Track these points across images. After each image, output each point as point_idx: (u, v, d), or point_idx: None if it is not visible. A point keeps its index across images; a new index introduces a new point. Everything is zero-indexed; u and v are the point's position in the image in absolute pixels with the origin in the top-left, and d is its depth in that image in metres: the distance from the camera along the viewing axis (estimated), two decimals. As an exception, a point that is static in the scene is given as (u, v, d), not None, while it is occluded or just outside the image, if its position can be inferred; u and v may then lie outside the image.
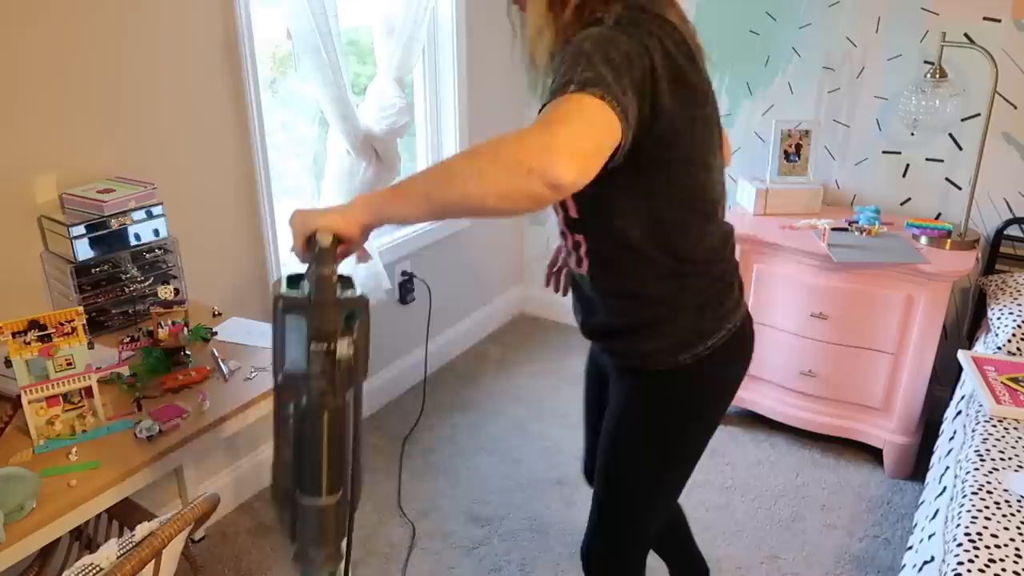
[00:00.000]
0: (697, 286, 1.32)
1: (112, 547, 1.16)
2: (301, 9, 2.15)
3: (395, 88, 2.49)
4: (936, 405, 2.76)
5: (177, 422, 1.51)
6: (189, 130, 2.08)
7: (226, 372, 1.70)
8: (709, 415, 1.45)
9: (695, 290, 1.32)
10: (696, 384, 1.39)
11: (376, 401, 3.00)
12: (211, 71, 2.10)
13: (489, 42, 3.18)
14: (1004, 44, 2.49)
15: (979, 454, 1.81)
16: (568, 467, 2.68)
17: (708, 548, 2.31)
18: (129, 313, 1.88)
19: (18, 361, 1.42)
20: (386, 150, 2.49)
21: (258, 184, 2.29)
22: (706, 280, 1.33)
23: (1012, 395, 2.01)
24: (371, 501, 2.51)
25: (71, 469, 1.38)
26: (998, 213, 2.65)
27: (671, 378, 1.36)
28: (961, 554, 1.50)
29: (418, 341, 3.16)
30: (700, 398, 1.41)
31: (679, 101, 1.14)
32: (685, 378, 1.36)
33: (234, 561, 2.25)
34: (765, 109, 2.94)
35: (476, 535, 2.37)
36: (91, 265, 1.78)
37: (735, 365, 1.44)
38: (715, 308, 1.35)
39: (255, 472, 2.52)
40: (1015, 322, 2.27)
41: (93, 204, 1.76)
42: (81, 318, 1.47)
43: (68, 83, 1.79)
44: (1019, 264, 2.63)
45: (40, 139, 1.77)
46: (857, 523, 2.41)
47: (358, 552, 2.29)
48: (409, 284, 3.01)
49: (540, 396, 3.10)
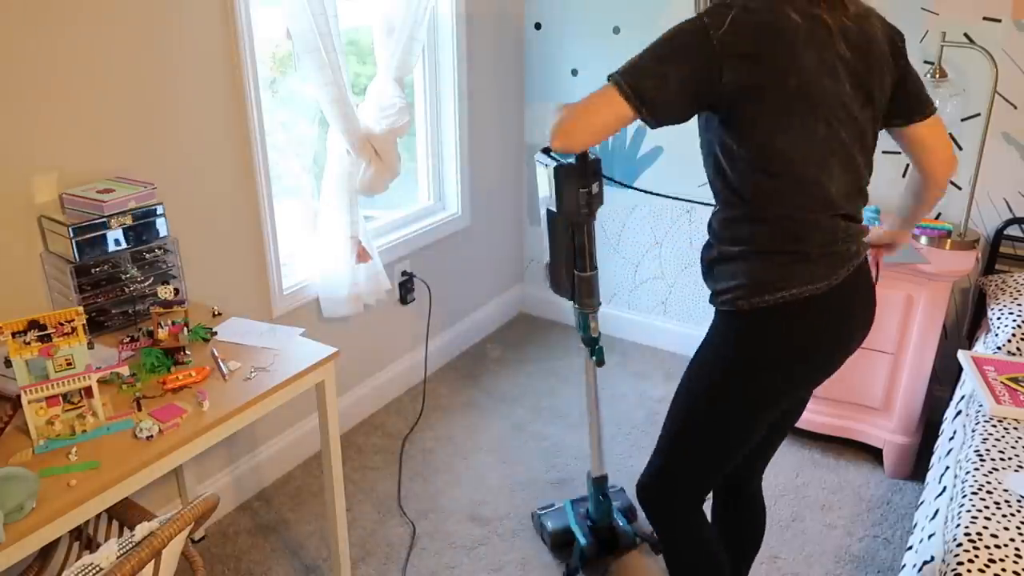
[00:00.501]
0: (765, 235, 1.43)
1: (112, 547, 1.16)
2: (301, 9, 2.15)
3: (395, 88, 2.49)
4: (936, 405, 2.76)
5: (177, 422, 1.51)
6: (189, 130, 2.08)
7: (226, 372, 1.70)
8: (762, 374, 1.48)
9: (763, 239, 1.43)
10: (751, 334, 1.47)
11: (376, 401, 3.00)
12: (211, 71, 2.10)
13: (489, 42, 3.18)
14: (1004, 44, 2.49)
15: (979, 454, 1.81)
16: (568, 467, 2.68)
17: (708, 548, 2.31)
18: (129, 313, 1.88)
19: (18, 361, 1.42)
20: (386, 150, 2.49)
21: (258, 184, 2.29)
22: (778, 233, 1.42)
23: (1012, 395, 2.01)
24: (371, 501, 2.51)
25: (71, 469, 1.38)
26: (998, 213, 2.65)
27: (731, 319, 1.49)
28: (961, 554, 1.50)
29: (418, 341, 3.16)
30: (752, 349, 1.47)
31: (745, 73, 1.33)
32: (742, 324, 1.46)
33: (234, 561, 2.25)
34: (765, 109, 2.94)
35: (476, 535, 2.37)
36: (91, 265, 1.78)
37: (802, 332, 1.45)
38: (786, 265, 1.41)
39: (255, 472, 2.52)
40: (1015, 322, 2.27)
41: (93, 204, 1.76)
42: (81, 318, 1.47)
43: (68, 83, 1.79)
44: (1019, 264, 2.63)
45: (40, 139, 1.77)
46: (857, 523, 2.41)
47: (358, 552, 2.29)
48: (409, 284, 3.01)
49: (540, 396, 3.10)
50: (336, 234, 2.50)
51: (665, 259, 3.35)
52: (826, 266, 1.43)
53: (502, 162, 3.45)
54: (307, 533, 2.37)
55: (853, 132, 1.41)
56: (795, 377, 1.51)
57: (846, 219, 1.45)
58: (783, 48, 1.32)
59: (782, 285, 1.41)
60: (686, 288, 3.35)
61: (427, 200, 3.17)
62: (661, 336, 3.47)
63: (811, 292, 1.41)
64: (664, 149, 3.20)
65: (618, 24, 3.13)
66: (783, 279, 1.41)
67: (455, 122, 3.09)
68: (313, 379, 1.78)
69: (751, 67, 1.32)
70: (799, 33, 1.33)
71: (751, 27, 1.32)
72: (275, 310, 2.44)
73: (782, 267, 1.42)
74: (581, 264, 1.90)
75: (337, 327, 2.70)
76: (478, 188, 3.32)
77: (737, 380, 1.50)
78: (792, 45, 1.33)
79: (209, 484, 2.37)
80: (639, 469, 2.65)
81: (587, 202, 1.80)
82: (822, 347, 1.49)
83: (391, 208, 3.01)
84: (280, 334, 1.88)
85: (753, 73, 1.33)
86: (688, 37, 1.35)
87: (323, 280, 2.56)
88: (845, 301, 1.47)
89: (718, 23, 1.32)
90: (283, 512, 2.46)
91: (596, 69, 3.23)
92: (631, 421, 2.92)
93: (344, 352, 2.72)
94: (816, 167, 1.38)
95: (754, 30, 1.32)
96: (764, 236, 1.43)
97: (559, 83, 3.35)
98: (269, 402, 1.67)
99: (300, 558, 2.27)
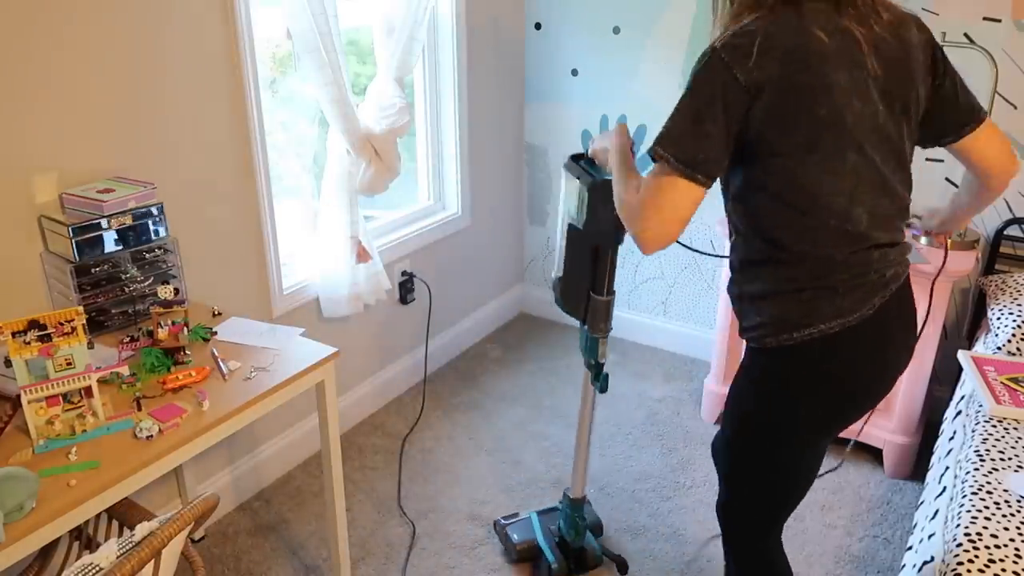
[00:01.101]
0: (788, 274, 1.36)
1: (112, 547, 1.16)
2: (301, 9, 2.15)
3: (395, 88, 2.49)
4: (936, 405, 2.76)
5: (177, 422, 1.51)
6: (189, 130, 2.08)
7: (226, 372, 1.70)
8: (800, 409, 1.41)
9: (786, 278, 1.36)
10: (774, 373, 1.41)
11: (376, 401, 3.00)
12: (211, 71, 2.10)
13: (489, 42, 3.18)
14: (1004, 44, 2.49)
15: (979, 454, 1.81)
16: (568, 467, 2.68)
17: (708, 547, 2.31)
18: (129, 313, 1.88)
19: (18, 361, 1.42)
20: (386, 150, 2.49)
21: (258, 184, 2.29)
22: (802, 273, 1.35)
23: (1012, 395, 2.01)
24: (371, 501, 2.51)
25: (71, 469, 1.38)
26: (998, 213, 2.65)
27: (759, 356, 1.43)
28: (961, 554, 1.50)
29: (418, 341, 3.16)
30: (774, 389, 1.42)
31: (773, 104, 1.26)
32: (767, 362, 1.41)
33: (234, 561, 2.25)
34: (765, 109, 2.94)
35: (476, 535, 2.37)
36: (91, 265, 1.78)
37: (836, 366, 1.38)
38: (810, 301, 1.34)
39: (255, 472, 2.52)
40: (1015, 322, 2.27)
41: (93, 204, 1.76)
42: (81, 318, 1.47)
43: (68, 83, 1.79)
44: (1019, 264, 2.63)
45: (40, 139, 1.77)
46: (857, 523, 2.41)
47: (358, 552, 2.29)
48: (409, 284, 3.01)
49: (540, 396, 3.10)
50: (336, 234, 2.50)
51: (665, 259, 3.35)
52: (857, 299, 1.34)
53: (502, 162, 3.45)
54: (307, 533, 2.37)
55: (887, 154, 1.33)
56: (834, 410, 1.43)
57: (880, 247, 1.36)
58: (812, 75, 1.24)
59: (808, 322, 1.34)
60: (686, 288, 3.35)
61: (427, 200, 3.17)
62: (661, 336, 3.47)
63: (841, 326, 1.34)
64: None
65: (618, 24, 3.13)
66: (808, 316, 1.34)
67: (455, 122, 3.09)
68: (313, 379, 1.78)
69: (779, 98, 1.25)
70: (828, 55, 1.25)
71: (778, 55, 1.24)
72: (275, 310, 2.44)
73: (806, 303, 1.34)
74: (599, 288, 1.82)
75: (337, 327, 2.70)
76: (478, 188, 3.32)
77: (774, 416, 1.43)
78: (821, 70, 1.25)
79: (209, 484, 2.37)
80: (639, 469, 2.65)
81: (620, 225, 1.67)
82: (861, 378, 1.41)
83: (391, 208, 3.01)
84: (280, 334, 1.88)
85: (781, 104, 1.25)
86: (714, 87, 1.26)
87: (323, 280, 2.56)
88: (882, 329, 1.38)
89: (740, 57, 1.24)
90: (283, 512, 2.46)
91: (596, 69, 3.23)
92: (631, 421, 2.92)
93: (344, 352, 2.72)
94: (846, 198, 1.30)
95: (781, 58, 1.24)
96: (787, 275, 1.36)
97: (559, 83, 3.36)
98: (269, 402, 1.67)
99: (300, 558, 2.27)
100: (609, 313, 1.87)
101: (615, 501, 2.51)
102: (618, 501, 2.51)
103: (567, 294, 1.88)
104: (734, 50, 1.26)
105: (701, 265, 3.25)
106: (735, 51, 1.25)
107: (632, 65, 3.13)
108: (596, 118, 3.27)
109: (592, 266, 1.80)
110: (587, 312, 1.86)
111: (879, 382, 1.44)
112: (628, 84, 3.17)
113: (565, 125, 3.40)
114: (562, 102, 3.38)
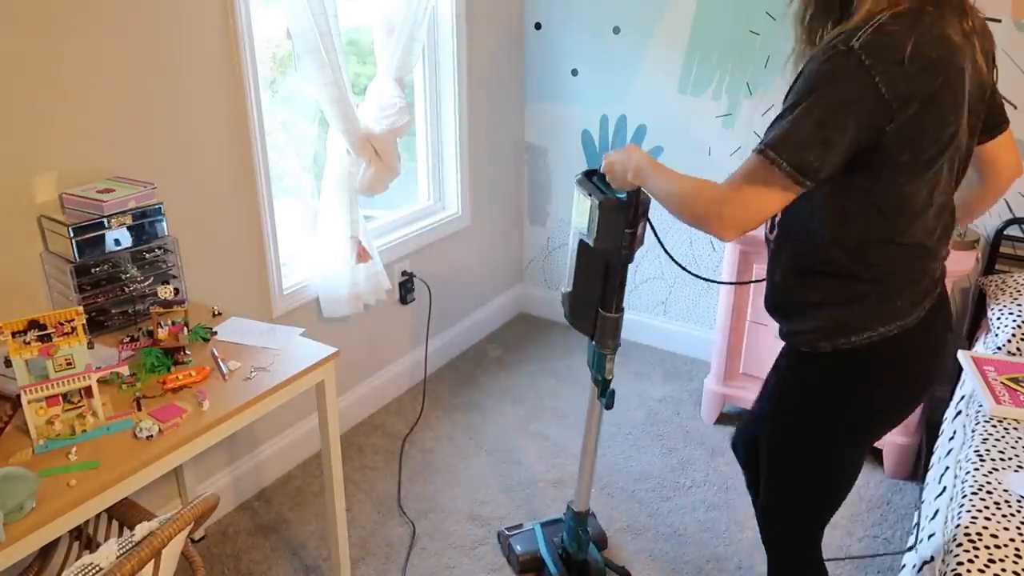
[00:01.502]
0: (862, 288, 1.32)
1: (112, 547, 1.16)
2: (301, 9, 2.15)
3: (395, 88, 2.49)
4: (936, 405, 2.76)
5: (177, 422, 1.51)
6: (189, 130, 2.08)
7: (226, 372, 1.70)
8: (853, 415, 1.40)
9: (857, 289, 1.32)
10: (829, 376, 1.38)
11: (376, 401, 3.00)
12: (211, 71, 2.10)
13: (489, 42, 3.18)
14: (1004, 44, 2.49)
15: (979, 454, 1.81)
16: (568, 467, 2.68)
17: (708, 547, 2.31)
18: (129, 313, 1.88)
19: (18, 361, 1.42)
20: (386, 150, 2.49)
21: (258, 184, 2.29)
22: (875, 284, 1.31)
23: (1012, 395, 2.01)
24: (371, 501, 2.51)
25: (71, 469, 1.38)
26: (998, 213, 2.65)
27: (809, 359, 1.39)
28: (961, 554, 1.50)
29: (418, 341, 3.16)
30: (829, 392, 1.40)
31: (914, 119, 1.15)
32: (820, 365, 1.38)
33: (234, 561, 2.25)
34: (765, 109, 2.94)
35: (476, 535, 2.37)
36: (91, 265, 1.78)
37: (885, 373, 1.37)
38: (872, 307, 1.32)
39: (255, 472, 2.52)
40: (1015, 322, 2.27)
41: (93, 204, 1.76)
42: (81, 318, 1.47)
43: (68, 83, 1.79)
44: (1019, 264, 2.63)
45: (40, 139, 1.77)
46: (857, 523, 2.41)
47: (358, 552, 2.29)
48: (409, 284, 3.01)
49: (540, 396, 3.10)
50: (336, 234, 2.50)
51: (665, 259, 3.35)
52: (914, 301, 1.33)
53: (502, 162, 3.45)
54: (307, 533, 2.37)
55: (960, 170, 1.31)
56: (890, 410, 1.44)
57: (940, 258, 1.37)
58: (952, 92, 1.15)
59: (867, 325, 1.31)
60: (686, 288, 3.35)
61: (427, 200, 3.17)
62: (661, 336, 3.46)
63: (899, 328, 1.31)
64: (664, 149, 3.19)
65: (618, 24, 3.13)
66: (868, 320, 1.31)
67: (455, 122, 3.09)
68: (313, 379, 1.78)
69: (921, 115, 1.14)
70: (962, 68, 1.16)
71: (926, 65, 1.12)
72: (275, 310, 2.44)
73: (869, 308, 1.32)
74: (608, 304, 1.82)
75: (337, 327, 2.70)
76: (478, 188, 3.32)
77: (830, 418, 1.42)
78: (959, 84, 1.16)
79: (209, 484, 2.37)
80: (638, 470, 2.65)
81: (629, 243, 1.68)
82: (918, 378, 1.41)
83: (391, 208, 3.01)
84: (280, 334, 1.88)
85: (920, 122, 1.15)
86: (847, 93, 1.13)
87: (323, 280, 2.56)
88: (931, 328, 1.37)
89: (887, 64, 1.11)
90: (283, 512, 2.46)
91: (596, 69, 3.23)
92: (631, 421, 2.92)
93: (344, 352, 2.72)
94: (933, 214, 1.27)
95: (929, 68, 1.12)
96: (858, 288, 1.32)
97: (559, 83, 3.36)
98: (269, 402, 1.67)
99: (300, 558, 2.27)
100: (618, 330, 1.85)
101: (615, 501, 2.51)
102: (618, 501, 2.51)
103: (576, 309, 1.87)
104: (880, 54, 1.11)
105: (701, 265, 3.25)
106: (881, 56, 1.11)
107: (632, 65, 3.13)
108: (596, 118, 3.27)
109: (602, 282, 1.79)
110: (595, 328, 1.86)
111: (932, 379, 1.45)
112: (628, 84, 3.16)
113: (565, 125, 3.40)
114: (562, 102, 3.38)
